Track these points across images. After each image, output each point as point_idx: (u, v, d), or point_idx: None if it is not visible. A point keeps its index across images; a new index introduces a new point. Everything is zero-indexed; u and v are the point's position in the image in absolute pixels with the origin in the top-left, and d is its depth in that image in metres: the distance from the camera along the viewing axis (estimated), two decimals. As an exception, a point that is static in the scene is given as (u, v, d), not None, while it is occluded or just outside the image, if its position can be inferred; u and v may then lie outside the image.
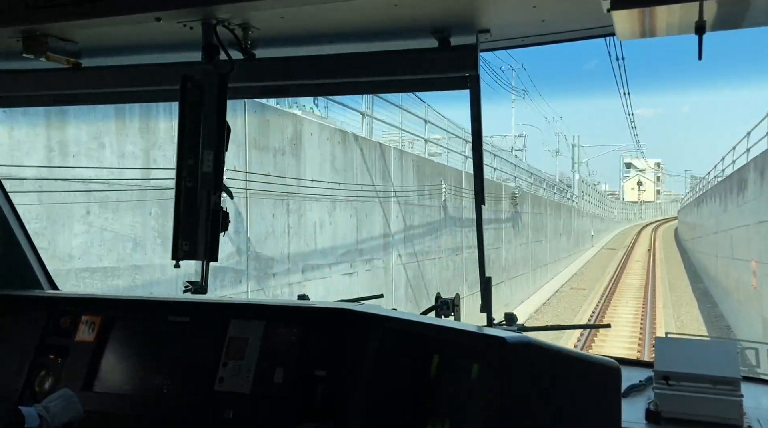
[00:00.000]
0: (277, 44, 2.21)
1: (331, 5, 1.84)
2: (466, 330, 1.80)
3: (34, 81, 2.52)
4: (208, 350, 2.21)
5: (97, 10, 1.87)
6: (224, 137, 2.13)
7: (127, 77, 2.46)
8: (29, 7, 1.93)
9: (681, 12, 1.63)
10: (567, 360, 1.66)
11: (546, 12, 1.93)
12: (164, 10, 1.85)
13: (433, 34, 2.12)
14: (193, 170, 2.12)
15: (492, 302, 2.41)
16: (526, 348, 1.59)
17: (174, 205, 2.13)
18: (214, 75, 2.10)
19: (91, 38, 2.16)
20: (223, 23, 1.99)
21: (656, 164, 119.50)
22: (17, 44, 2.10)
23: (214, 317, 2.30)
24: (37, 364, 2.39)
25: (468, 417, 1.74)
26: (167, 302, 2.47)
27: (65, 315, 2.46)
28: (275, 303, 2.43)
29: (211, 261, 2.16)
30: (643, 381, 2.19)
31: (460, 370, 1.81)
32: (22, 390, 2.35)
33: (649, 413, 1.96)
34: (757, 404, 2.03)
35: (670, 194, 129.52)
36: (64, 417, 2.06)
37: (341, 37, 2.15)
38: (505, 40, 2.20)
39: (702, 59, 1.66)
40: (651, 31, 1.77)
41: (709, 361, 1.97)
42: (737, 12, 1.68)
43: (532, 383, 1.58)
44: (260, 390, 2.11)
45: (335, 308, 2.25)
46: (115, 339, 2.37)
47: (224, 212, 2.15)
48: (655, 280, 26.45)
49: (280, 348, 2.15)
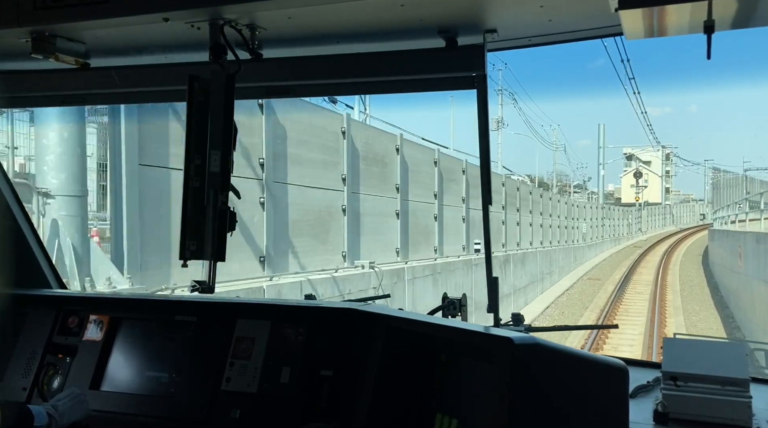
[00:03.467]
0: (285, 44, 2.21)
1: (337, 5, 1.84)
2: (472, 330, 1.80)
3: (43, 81, 2.53)
4: (215, 349, 2.22)
5: (105, 11, 1.88)
6: (231, 137, 2.13)
7: (135, 77, 2.47)
8: (38, 8, 1.94)
9: (690, 11, 1.62)
10: (574, 360, 1.65)
11: (553, 12, 1.92)
12: (172, 11, 1.86)
13: (440, 34, 2.12)
14: (201, 170, 2.12)
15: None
16: (533, 348, 1.59)
17: (181, 205, 2.14)
18: (221, 75, 2.11)
19: (99, 39, 2.17)
20: (231, 23, 2.00)
21: (666, 155, 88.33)
22: (26, 45, 2.11)
23: (220, 316, 2.31)
24: (45, 363, 2.40)
25: (474, 418, 1.73)
26: (174, 301, 2.48)
27: (73, 315, 2.48)
28: (282, 303, 2.44)
29: (218, 261, 2.16)
30: (651, 382, 2.18)
31: (466, 370, 1.81)
32: (30, 389, 2.36)
33: (657, 414, 1.95)
34: (766, 405, 2.02)
35: (678, 194, 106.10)
36: (73, 415, 2.07)
37: (348, 37, 2.15)
38: (512, 39, 2.20)
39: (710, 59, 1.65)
40: (659, 31, 1.76)
41: (718, 362, 1.96)
42: (747, 11, 1.67)
43: (539, 383, 1.58)
44: (267, 390, 2.11)
45: (342, 308, 2.25)
46: (122, 338, 2.38)
47: (231, 212, 2.15)
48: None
49: (287, 348, 2.15)
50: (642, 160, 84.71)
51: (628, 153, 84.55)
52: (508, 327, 2.47)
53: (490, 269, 2.42)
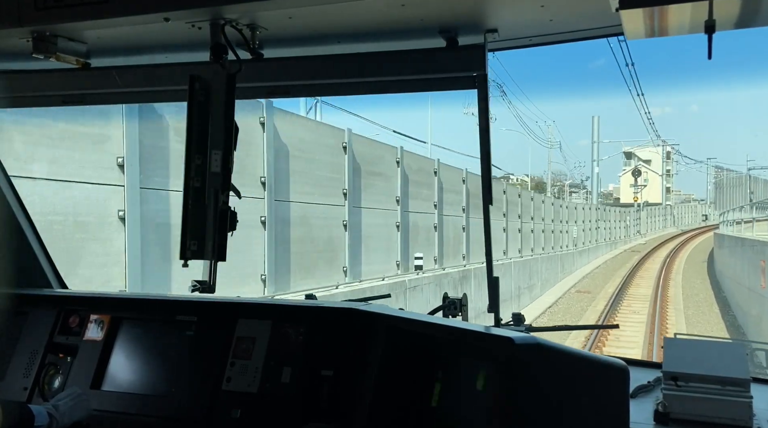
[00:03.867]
0: (285, 44, 2.21)
1: (338, 5, 1.84)
2: (473, 330, 1.80)
3: (44, 81, 2.53)
4: (216, 349, 2.22)
5: (106, 11, 1.88)
6: (232, 137, 2.13)
7: (136, 77, 2.47)
8: (39, 8, 1.94)
9: (691, 11, 1.62)
10: (575, 360, 1.65)
11: (554, 11, 1.92)
12: (173, 11, 1.86)
13: (441, 34, 2.12)
14: (201, 170, 2.12)
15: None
16: (533, 348, 1.59)
17: (182, 204, 2.14)
18: (222, 75, 2.11)
19: (99, 38, 2.17)
20: (231, 23, 2.00)
21: (667, 154, 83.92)
22: (27, 45, 2.11)
23: (221, 316, 2.31)
24: (46, 363, 2.40)
25: (475, 418, 1.73)
26: (175, 301, 2.48)
27: (74, 314, 2.48)
28: (282, 303, 2.44)
29: (219, 261, 2.17)
30: (652, 382, 2.18)
31: (467, 370, 1.81)
32: (31, 388, 2.36)
33: (658, 414, 1.95)
34: (767, 405, 2.02)
35: (679, 193, 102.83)
36: (74, 415, 2.07)
37: (349, 37, 2.15)
38: (512, 39, 2.20)
39: (711, 59, 1.65)
40: (660, 31, 1.76)
41: (718, 362, 1.96)
42: (748, 10, 1.67)
43: (540, 383, 1.58)
44: (267, 390, 2.11)
45: (342, 308, 2.25)
46: (123, 338, 2.38)
47: (232, 212, 2.15)
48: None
49: (287, 348, 2.16)
50: (641, 158, 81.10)
51: (627, 151, 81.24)
52: (509, 327, 2.47)
53: (490, 270, 2.43)
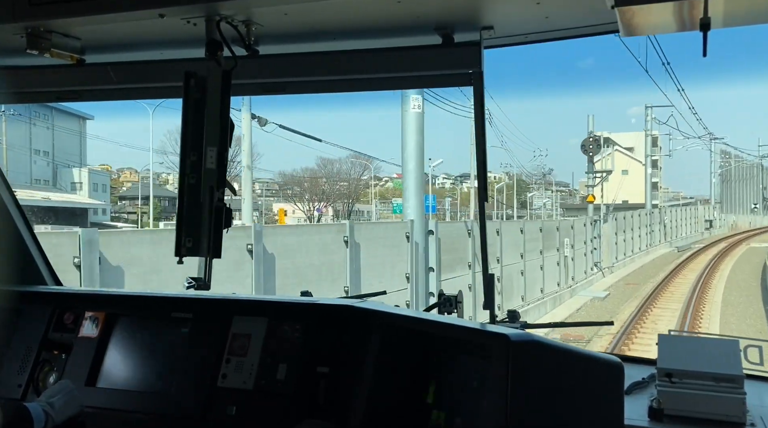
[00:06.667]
0: (281, 41, 2.21)
1: (334, 2, 1.84)
2: (469, 327, 1.80)
3: (38, 77, 2.53)
4: (211, 346, 2.22)
5: (101, 7, 1.88)
6: (227, 134, 2.13)
7: (131, 74, 2.47)
8: (33, 3, 1.94)
9: (686, 8, 1.63)
10: (570, 357, 1.66)
11: (550, 9, 1.93)
12: (167, 6, 1.86)
13: (437, 31, 2.12)
14: (197, 167, 2.12)
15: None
16: (529, 345, 1.59)
17: (177, 201, 2.13)
18: (217, 71, 2.10)
19: (94, 35, 2.16)
20: (227, 19, 1.99)
21: (653, 140, 54.74)
22: (21, 41, 2.10)
23: (217, 313, 2.30)
24: (41, 360, 2.40)
25: (470, 414, 1.74)
26: (170, 298, 2.48)
27: (69, 311, 2.47)
28: (278, 300, 2.44)
29: (215, 258, 2.16)
30: (646, 379, 2.18)
31: (462, 367, 1.81)
32: (26, 385, 2.36)
33: (652, 410, 1.96)
34: (760, 401, 2.03)
35: (667, 191, 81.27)
36: (68, 411, 2.07)
37: (344, 33, 2.15)
38: (508, 36, 2.20)
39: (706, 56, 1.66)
40: (655, 28, 1.76)
41: (712, 358, 1.97)
42: (743, 8, 1.67)
43: (535, 380, 1.58)
44: (263, 387, 2.11)
45: (338, 305, 2.25)
46: (118, 335, 2.37)
47: (227, 209, 2.15)
48: None
49: (283, 345, 2.15)
50: (622, 146, 63.24)
51: (604, 136, 42.93)
52: (505, 324, 2.48)
53: (486, 267, 2.44)
